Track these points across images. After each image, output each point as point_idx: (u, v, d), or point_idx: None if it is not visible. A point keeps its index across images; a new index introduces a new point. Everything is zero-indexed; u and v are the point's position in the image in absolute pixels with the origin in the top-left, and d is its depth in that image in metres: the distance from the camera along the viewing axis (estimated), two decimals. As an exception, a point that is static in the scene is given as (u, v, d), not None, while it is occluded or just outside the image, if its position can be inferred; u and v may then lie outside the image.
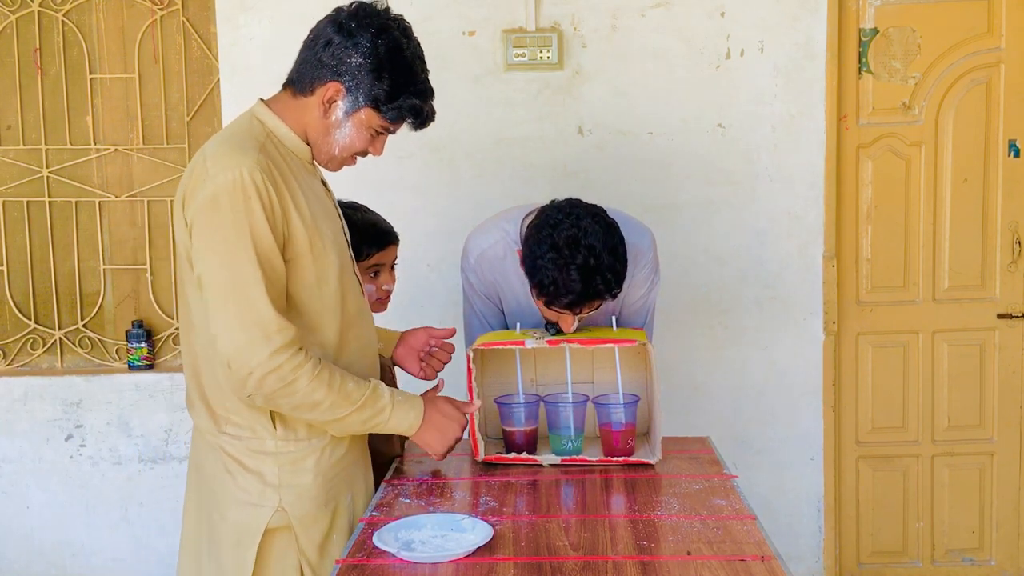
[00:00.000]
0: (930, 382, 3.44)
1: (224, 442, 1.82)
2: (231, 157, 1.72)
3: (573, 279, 2.03)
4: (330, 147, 1.85)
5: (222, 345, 1.70)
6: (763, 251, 3.34)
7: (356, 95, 1.80)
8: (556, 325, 2.17)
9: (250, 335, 1.69)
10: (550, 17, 3.24)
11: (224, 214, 1.69)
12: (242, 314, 1.69)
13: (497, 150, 3.30)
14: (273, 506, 1.81)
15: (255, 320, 1.69)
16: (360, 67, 1.78)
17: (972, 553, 3.49)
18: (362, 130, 1.84)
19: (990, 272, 3.40)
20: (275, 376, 1.70)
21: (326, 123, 1.83)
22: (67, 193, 3.44)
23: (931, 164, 3.36)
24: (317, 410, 1.76)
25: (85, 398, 3.42)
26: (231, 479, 1.82)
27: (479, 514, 1.81)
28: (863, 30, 3.30)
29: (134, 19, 3.39)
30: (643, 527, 1.75)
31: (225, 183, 1.69)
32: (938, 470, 3.46)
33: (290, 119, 1.84)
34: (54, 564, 3.48)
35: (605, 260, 2.05)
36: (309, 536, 1.84)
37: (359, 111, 1.82)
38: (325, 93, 1.80)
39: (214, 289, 1.71)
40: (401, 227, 2.66)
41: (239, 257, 1.69)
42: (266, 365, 1.69)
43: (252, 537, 1.81)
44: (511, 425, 2.15)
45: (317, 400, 1.75)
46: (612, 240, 2.09)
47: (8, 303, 3.48)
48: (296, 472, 1.83)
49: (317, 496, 1.85)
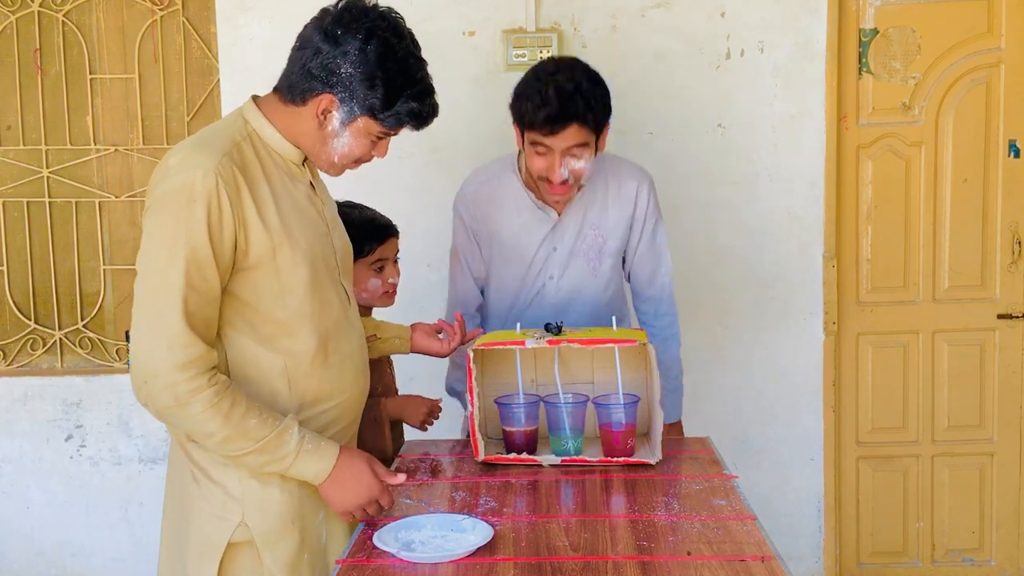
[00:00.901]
0: (930, 382, 3.44)
1: (192, 450, 1.76)
2: (193, 158, 1.65)
3: (550, 94, 2.18)
4: (329, 156, 1.79)
5: (132, 348, 1.65)
6: (763, 251, 3.34)
7: (351, 105, 1.72)
8: (557, 326, 2.17)
9: (154, 343, 1.62)
10: (550, 17, 3.24)
11: (165, 216, 1.63)
12: (152, 321, 1.63)
13: (497, 150, 3.29)
14: (236, 520, 1.73)
15: (162, 330, 1.61)
16: (351, 77, 1.70)
17: (972, 553, 3.49)
18: (361, 138, 1.77)
19: (990, 272, 3.40)
20: (169, 393, 1.62)
21: (322, 134, 1.75)
22: (67, 193, 3.44)
23: (931, 164, 3.36)
24: (210, 440, 1.66)
25: (85, 398, 3.42)
26: (197, 488, 1.75)
27: (479, 514, 1.81)
28: (863, 30, 3.30)
29: (134, 19, 3.39)
30: (643, 527, 1.75)
31: (175, 185, 1.63)
32: (938, 470, 3.46)
33: (280, 122, 1.77)
34: (54, 564, 3.48)
35: (584, 83, 2.20)
36: (274, 554, 1.75)
37: (356, 120, 1.74)
38: (318, 105, 1.72)
39: (137, 289, 1.66)
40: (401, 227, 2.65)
41: (165, 263, 1.62)
42: (163, 378, 1.61)
43: (215, 550, 1.73)
44: (511, 425, 2.15)
45: (209, 431, 1.64)
46: (592, 73, 2.26)
47: (8, 303, 3.48)
48: (261, 486, 1.74)
49: (283, 512, 1.75)
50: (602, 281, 2.51)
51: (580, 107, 2.19)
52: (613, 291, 2.55)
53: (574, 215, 2.45)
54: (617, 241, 2.49)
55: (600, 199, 2.46)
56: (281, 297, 1.73)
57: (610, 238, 2.47)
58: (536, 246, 2.46)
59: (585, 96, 2.20)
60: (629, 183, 2.47)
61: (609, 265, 2.50)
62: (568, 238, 2.46)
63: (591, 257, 2.47)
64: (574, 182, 2.31)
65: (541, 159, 2.28)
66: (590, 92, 2.21)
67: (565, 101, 2.18)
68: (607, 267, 2.50)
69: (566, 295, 2.49)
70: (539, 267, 2.48)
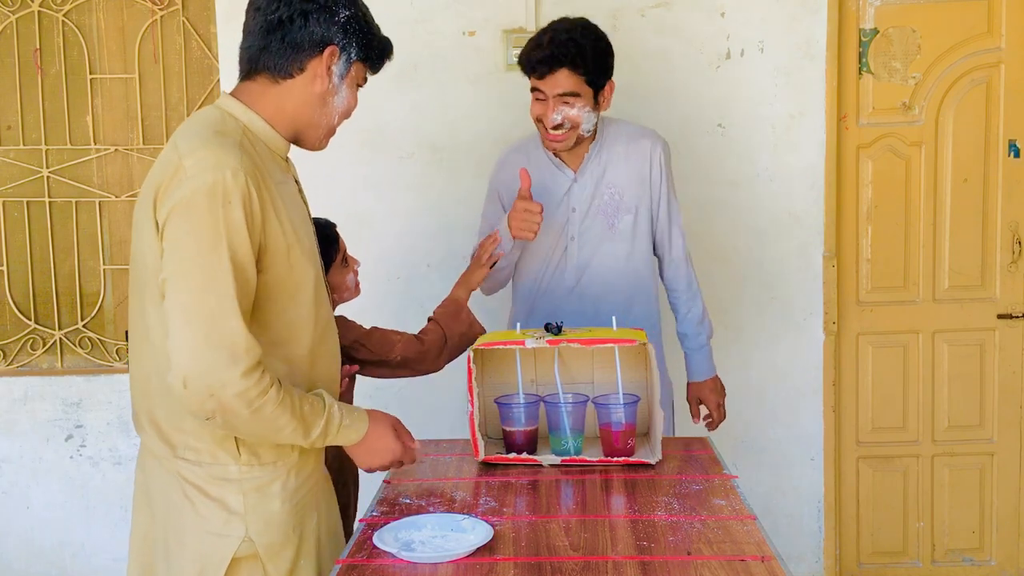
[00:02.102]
0: (930, 382, 3.44)
1: (181, 467, 1.69)
2: (213, 156, 1.58)
3: (544, 40, 2.39)
4: (330, 118, 1.78)
5: (181, 361, 1.55)
6: (763, 251, 3.34)
7: (349, 52, 1.74)
8: (557, 326, 2.17)
9: (217, 354, 1.54)
10: (550, 17, 3.18)
11: (201, 218, 1.56)
12: (209, 329, 1.54)
13: (497, 150, 3.28)
14: (239, 536, 1.69)
15: (224, 337, 1.55)
16: (348, 22, 1.72)
17: (972, 553, 3.49)
18: (352, 88, 1.79)
19: (990, 272, 3.40)
20: (241, 400, 1.56)
21: (324, 94, 1.74)
22: (67, 193, 3.44)
23: (931, 164, 3.36)
24: (279, 435, 1.65)
25: (85, 398, 3.42)
26: (191, 507, 1.69)
27: (479, 514, 1.81)
28: (863, 30, 3.30)
29: (134, 19, 3.39)
30: (643, 527, 1.75)
31: (205, 184, 1.56)
32: (938, 470, 3.46)
33: (266, 110, 1.73)
34: (54, 564, 3.48)
35: (579, 34, 2.39)
36: (276, 565, 1.72)
37: (351, 69, 1.76)
38: (323, 64, 1.71)
39: (179, 298, 1.56)
40: (401, 227, 2.66)
41: (213, 266, 1.55)
42: (233, 387, 1.55)
43: (217, 568, 1.68)
44: (511, 425, 2.15)
45: (280, 426, 1.63)
46: (592, 28, 2.44)
47: (8, 303, 3.48)
48: (262, 499, 1.70)
49: (285, 522, 1.73)
50: (621, 242, 2.58)
51: (571, 52, 2.37)
52: (637, 259, 2.61)
53: (591, 176, 2.56)
54: (633, 199, 2.57)
55: (616, 159, 2.57)
56: (294, 297, 1.71)
57: (626, 195, 2.56)
58: (555, 207, 2.55)
59: (578, 44, 2.38)
60: (643, 142, 2.58)
61: (628, 225, 2.57)
62: (586, 198, 2.56)
63: (608, 214, 2.56)
64: (569, 128, 2.44)
65: (538, 104, 2.46)
66: (583, 41, 2.39)
67: (556, 47, 2.37)
68: (625, 226, 2.57)
69: (587, 256, 2.58)
70: (560, 229, 2.57)
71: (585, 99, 2.42)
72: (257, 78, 1.73)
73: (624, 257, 2.59)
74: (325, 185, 3.08)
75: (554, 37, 2.39)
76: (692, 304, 2.71)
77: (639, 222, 2.59)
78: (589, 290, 2.59)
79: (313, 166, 3.34)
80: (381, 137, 3.30)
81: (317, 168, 3.23)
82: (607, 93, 2.49)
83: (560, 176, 2.57)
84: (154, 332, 1.65)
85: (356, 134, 3.31)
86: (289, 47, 1.70)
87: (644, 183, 2.58)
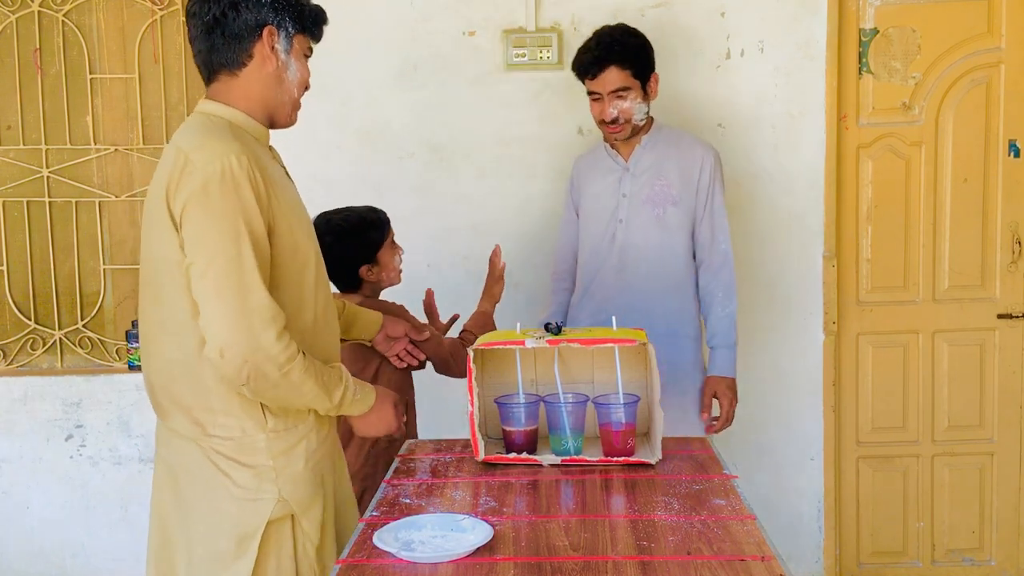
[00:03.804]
0: (930, 382, 3.44)
1: (214, 443, 1.82)
2: (214, 146, 1.73)
3: (591, 44, 2.75)
4: (289, 93, 1.89)
5: (217, 333, 1.69)
6: (763, 251, 3.34)
7: (286, 27, 1.85)
8: (557, 326, 2.17)
9: (248, 321, 1.69)
10: (550, 17, 3.24)
11: (216, 202, 1.70)
12: (239, 301, 1.69)
13: (497, 150, 3.30)
14: (273, 497, 1.83)
15: (253, 306, 1.70)
16: (275, 1, 1.83)
17: (972, 553, 3.49)
18: (301, 59, 1.90)
19: (990, 272, 3.40)
20: (272, 364, 1.71)
21: (277, 72, 1.86)
22: (67, 193, 3.44)
23: (931, 164, 3.36)
24: (302, 399, 1.81)
25: (85, 398, 3.42)
26: (225, 478, 1.81)
27: (479, 514, 1.81)
28: (863, 30, 3.30)
29: (134, 19, 3.39)
30: (643, 527, 1.75)
31: (215, 172, 1.70)
32: (938, 470, 3.46)
33: (239, 102, 1.85)
34: (54, 564, 3.48)
35: (619, 34, 2.75)
36: (309, 520, 1.88)
37: (292, 42, 1.86)
38: (266, 45, 1.83)
39: (208, 279, 1.70)
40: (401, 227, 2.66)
41: (234, 244, 1.70)
42: (265, 351, 1.70)
43: (254, 532, 1.82)
44: (511, 425, 2.15)
45: (304, 391, 1.79)
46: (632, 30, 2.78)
47: (8, 303, 3.48)
48: (289, 461, 1.85)
49: (310, 480, 1.88)
50: (667, 233, 2.79)
51: (616, 51, 2.70)
52: (679, 251, 2.81)
53: (642, 168, 2.82)
54: (680, 196, 2.79)
55: (669, 158, 2.82)
56: (300, 272, 1.85)
57: (673, 190, 2.79)
58: (610, 194, 2.84)
59: (621, 43, 2.72)
60: (697, 150, 2.83)
61: (675, 219, 2.79)
62: (635, 187, 2.81)
63: (656, 203, 2.79)
64: (624, 122, 2.76)
65: (596, 105, 2.77)
66: (625, 40, 2.73)
67: (603, 48, 2.71)
68: (672, 219, 2.79)
69: (633, 240, 2.81)
70: (611, 211, 2.83)
71: (635, 91, 2.74)
72: (219, 77, 1.86)
73: (668, 246, 2.80)
74: (325, 185, 3.08)
75: (600, 40, 2.74)
76: (727, 304, 2.83)
77: (683, 217, 2.80)
78: (634, 272, 2.81)
79: (313, 166, 3.36)
80: (381, 137, 3.31)
81: (317, 168, 3.25)
82: (653, 84, 2.79)
83: (614, 165, 2.85)
84: (172, 321, 1.78)
85: (356, 134, 3.32)
86: (231, 40, 1.83)
87: (692, 184, 2.80)
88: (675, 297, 2.82)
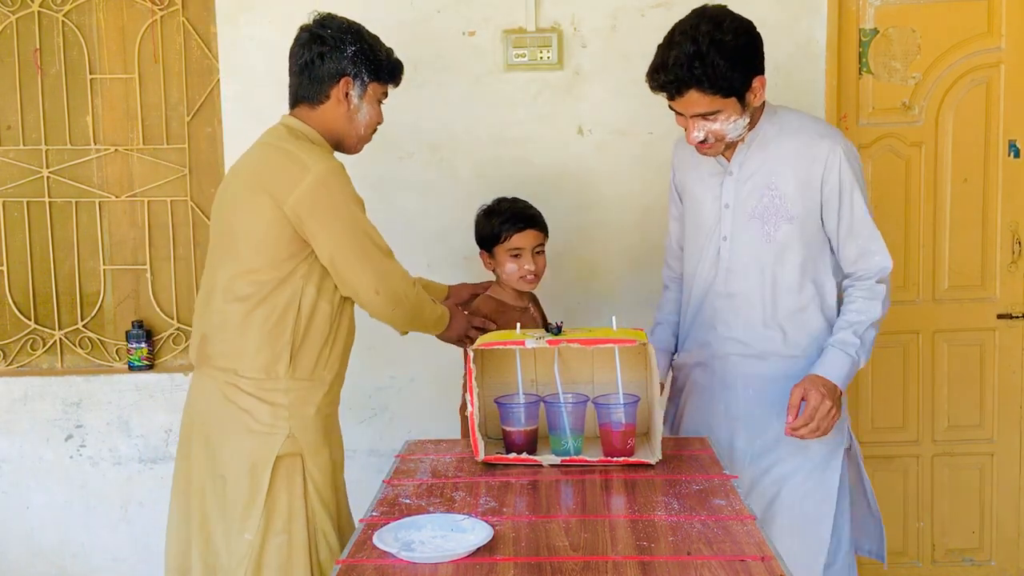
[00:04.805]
0: (930, 382, 3.44)
1: (241, 383, 2.18)
2: (316, 152, 2.18)
3: (667, 58, 2.18)
4: (357, 130, 2.31)
5: (370, 281, 2.18)
6: (763, 251, 3.33)
7: (362, 78, 2.26)
8: (557, 326, 2.17)
9: (393, 266, 2.24)
10: (550, 17, 3.24)
11: (337, 192, 2.15)
12: (375, 257, 2.20)
13: (497, 150, 3.30)
14: (284, 432, 2.18)
15: (383, 256, 2.22)
16: (355, 55, 2.25)
17: (972, 553, 3.49)
18: (374, 103, 2.31)
19: (990, 272, 3.40)
20: (408, 284, 2.26)
21: (349, 114, 2.27)
22: (67, 193, 3.44)
23: (931, 164, 3.36)
24: (423, 317, 2.36)
25: (85, 398, 3.42)
26: (244, 413, 2.17)
27: (479, 514, 1.82)
28: (863, 30, 3.30)
29: (134, 19, 3.39)
30: (643, 527, 1.75)
31: (327, 169, 2.14)
32: (938, 470, 3.46)
33: (315, 125, 2.26)
34: (54, 564, 3.48)
35: (704, 45, 2.13)
36: (316, 462, 2.22)
37: (367, 89, 2.28)
38: (341, 91, 2.25)
39: (349, 249, 2.16)
40: (401, 227, 2.67)
41: (362, 219, 2.19)
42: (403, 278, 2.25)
43: (266, 462, 2.16)
44: (511, 425, 2.15)
45: (424, 311, 2.34)
46: (720, 25, 2.16)
47: (8, 303, 3.48)
48: (303, 405, 2.20)
49: (319, 428, 2.24)
50: (776, 250, 2.31)
51: (696, 73, 2.14)
52: (797, 267, 2.32)
53: (748, 170, 2.33)
54: (798, 207, 2.29)
55: (782, 157, 2.30)
56: None
57: (788, 202, 2.29)
58: (711, 201, 2.38)
59: (704, 60, 2.13)
60: (821, 143, 2.28)
61: (787, 233, 2.30)
62: (741, 196, 2.33)
63: (766, 220, 2.31)
64: (716, 141, 2.26)
65: (680, 119, 2.28)
66: (711, 55, 2.13)
67: (680, 68, 2.14)
68: (783, 235, 2.31)
69: (741, 263, 2.35)
70: (713, 225, 2.38)
71: (728, 110, 2.20)
72: (300, 106, 2.29)
73: (782, 269, 2.32)
74: (325, 185, 3.07)
75: (678, 55, 2.14)
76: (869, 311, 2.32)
77: (805, 235, 2.31)
78: (743, 300, 2.37)
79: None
80: (381, 137, 3.28)
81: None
82: (756, 91, 2.23)
83: (715, 167, 2.37)
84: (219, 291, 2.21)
85: (356, 134, 3.31)
86: (315, 82, 2.25)
87: (814, 191, 2.28)
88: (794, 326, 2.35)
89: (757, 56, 2.23)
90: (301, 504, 2.20)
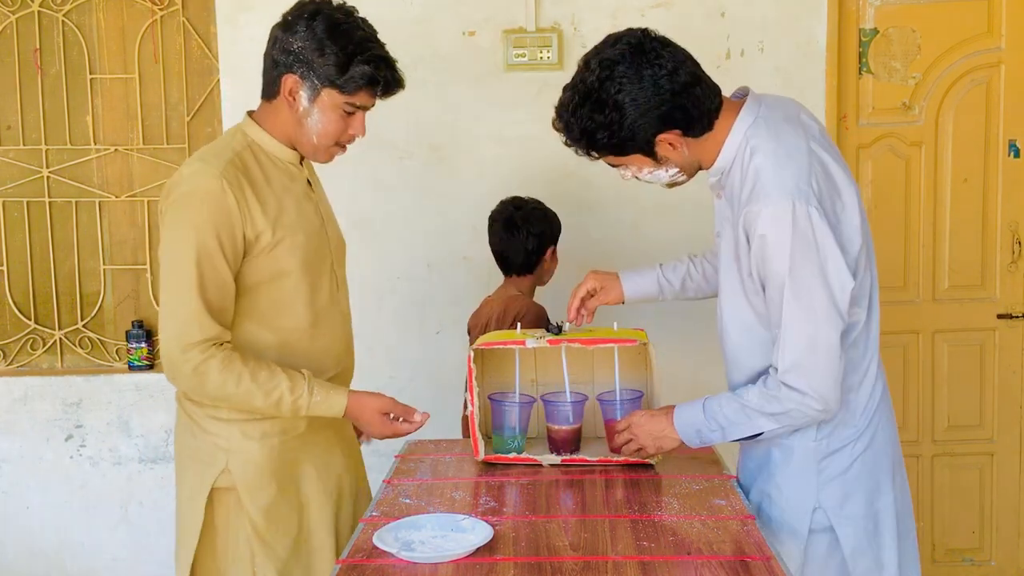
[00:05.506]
0: (930, 382, 3.44)
1: (191, 409, 2.00)
2: (201, 167, 1.89)
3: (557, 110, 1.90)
4: (308, 138, 1.96)
5: (160, 333, 1.92)
6: (763, 251, 3.33)
7: (311, 80, 1.89)
8: (557, 325, 2.18)
9: (176, 324, 1.88)
10: (550, 17, 3.24)
11: (176, 217, 1.88)
12: (174, 306, 1.88)
13: (497, 150, 3.30)
14: (221, 466, 1.96)
15: (181, 312, 1.87)
16: (303, 51, 1.88)
17: (972, 553, 3.49)
18: (329, 112, 1.92)
19: (990, 272, 3.40)
20: (189, 366, 1.86)
21: (296, 116, 1.94)
22: (67, 193, 3.44)
23: (931, 164, 3.36)
24: (230, 400, 1.91)
25: (85, 398, 3.42)
26: (192, 440, 2.00)
27: (479, 514, 1.82)
28: (863, 30, 3.30)
29: (134, 19, 3.39)
30: (643, 527, 1.75)
31: (186, 190, 1.88)
32: (938, 470, 3.46)
33: (271, 125, 1.98)
34: (54, 564, 3.48)
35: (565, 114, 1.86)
36: (254, 500, 1.96)
37: (319, 94, 1.91)
38: (285, 87, 1.92)
39: (161, 283, 1.92)
40: (401, 227, 2.67)
41: (180, 257, 1.87)
42: (182, 355, 1.86)
43: (203, 492, 1.97)
44: (558, 423, 2.13)
45: (228, 392, 1.89)
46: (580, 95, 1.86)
47: (8, 303, 3.48)
48: (243, 438, 1.96)
49: (260, 463, 1.97)
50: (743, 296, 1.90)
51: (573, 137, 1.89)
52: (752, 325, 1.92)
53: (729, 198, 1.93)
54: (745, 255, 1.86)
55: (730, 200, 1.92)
56: (279, 279, 1.96)
57: None
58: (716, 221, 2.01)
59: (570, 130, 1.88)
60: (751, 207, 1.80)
61: None
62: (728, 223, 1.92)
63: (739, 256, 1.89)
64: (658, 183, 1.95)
65: None
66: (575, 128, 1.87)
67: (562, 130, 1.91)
68: None
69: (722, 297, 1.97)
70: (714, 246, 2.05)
71: (635, 164, 1.88)
72: (261, 101, 2.01)
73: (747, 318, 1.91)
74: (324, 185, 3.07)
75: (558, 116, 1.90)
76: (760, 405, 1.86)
77: None
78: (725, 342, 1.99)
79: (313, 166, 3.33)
80: (381, 137, 3.30)
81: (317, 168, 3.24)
82: (663, 149, 1.85)
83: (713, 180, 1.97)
84: None
85: (356, 134, 3.31)
86: (267, 71, 1.96)
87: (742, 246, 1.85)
88: None
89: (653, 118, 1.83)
90: (236, 541, 1.99)
